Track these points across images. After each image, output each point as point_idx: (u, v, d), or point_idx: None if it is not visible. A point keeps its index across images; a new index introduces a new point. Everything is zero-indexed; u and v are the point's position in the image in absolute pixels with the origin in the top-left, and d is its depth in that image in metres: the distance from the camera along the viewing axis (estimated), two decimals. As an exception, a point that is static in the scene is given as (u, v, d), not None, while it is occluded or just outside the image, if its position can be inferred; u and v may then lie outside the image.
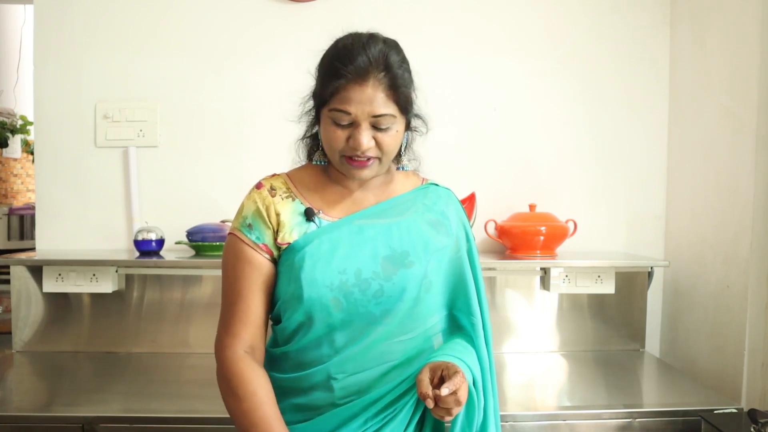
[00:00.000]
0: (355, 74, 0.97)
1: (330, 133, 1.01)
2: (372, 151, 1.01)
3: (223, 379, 1.01)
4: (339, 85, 0.98)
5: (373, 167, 1.03)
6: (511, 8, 2.14)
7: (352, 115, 0.98)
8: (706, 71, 1.95)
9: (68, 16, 2.10)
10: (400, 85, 1.00)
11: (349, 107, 0.98)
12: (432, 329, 1.08)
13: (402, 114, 1.03)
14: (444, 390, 0.89)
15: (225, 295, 1.06)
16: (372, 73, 0.98)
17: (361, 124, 0.99)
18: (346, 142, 1.00)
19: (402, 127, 1.04)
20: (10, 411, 1.47)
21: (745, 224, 1.73)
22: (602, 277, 1.96)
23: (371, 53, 0.99)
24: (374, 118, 0.99)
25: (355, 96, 0.97)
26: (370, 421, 1.01)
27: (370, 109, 0.98)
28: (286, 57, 2.07)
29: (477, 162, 2.15)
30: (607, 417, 1.50)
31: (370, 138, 0.99)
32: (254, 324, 1.04)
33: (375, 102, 0.98)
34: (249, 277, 1.04)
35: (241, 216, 1.07)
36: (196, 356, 1.90)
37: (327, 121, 1.02)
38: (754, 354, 1.69)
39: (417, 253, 1.05)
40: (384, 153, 1.02)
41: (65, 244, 2.11)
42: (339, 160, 1.03)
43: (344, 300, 1.00)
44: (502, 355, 2.00)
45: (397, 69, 1.00)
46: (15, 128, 3.94)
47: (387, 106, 0.99)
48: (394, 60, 1.01)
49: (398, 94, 1.00)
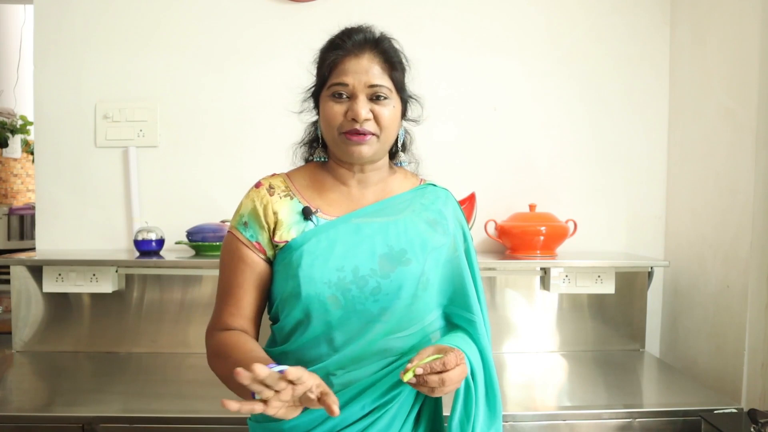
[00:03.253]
0: (352, 47, 1.03)
1: (329, 110, 1.04)
2: (370, 125, 1.03)
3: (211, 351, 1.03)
4: (336, 57, 1.03)
5: (372, 144, 1.04)
6: (511, 8, 2.14)
7: (350, 86, 1.02)
8: (706, 71, 1.95)
9: (68, 16, 2.10)
10: (395, 62, 1.06)
11: (346, 78, 1.02)
12: (430, 326, 1.08)
13: (397, 92, 1.07)
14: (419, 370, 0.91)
15: (219, 288, 1.09)
16: (368, 47, 1.04)
17: (358, 96, 1.02)
18: (344, 117, 1.03)
19: (398, 106, 1.07)
20: (10, 411, 1.47)
21: (745, 224, 1.73)
22: (602, 277, 1.96)
23: (368, 32, 1.06)
24: (371, 88, 1.02)
25: (351, 67, 1.02)
26: (368, 406, 1.01)
27: (366, 78, 1.02)
28: (286, 57, 2.07)
29: (477, 162, 2.15)
30: (607, 417, 1.50)
31: (368, 110, 1.02)
32: (244, 317, 1.05)
33: (371, 72, 1.03)
34: (242, 273, 1.06)
35: (239, 214, 1.09)
36: (196, 356, 1.91)
37: (326, 101, 1.05)
38: (754, 354, 1.69)
39: (414, 251, 1.05)
40: (382, 129, 1.04)
41: (65, 244, 2.11)
42: (338, 139, 1.04)
43: (342, 297, 1.00)
44: (502, 355, 2.00)
45: (392, 50, 1.07)
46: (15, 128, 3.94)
47: (383, 78, 1.04)
48: (389, 43, 1.07)
49: (393, 71, 1.05)
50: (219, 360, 1.00)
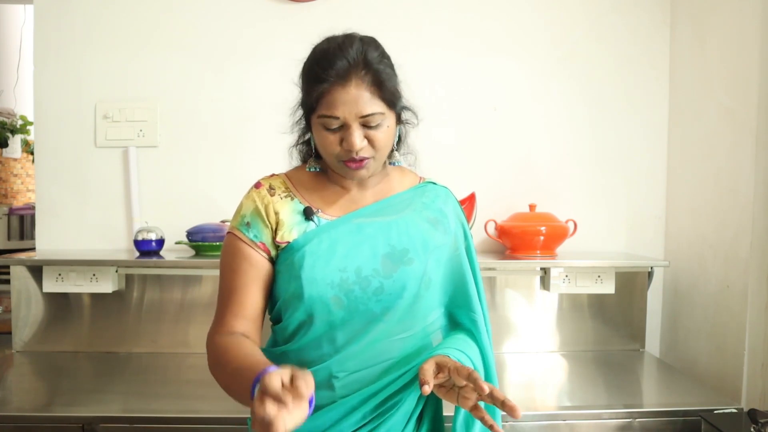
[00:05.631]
0: (337, 77, 0.97)
1: (322, 139, 1.01)
2: (366, 151, 1.01)
3: (212, 357, 1.00)
4: (322, 89, 0.97)
5: (370, 166, 1.03)
6: (511, 8, 2.14)
7: (340, 118, 0.98)
8: (706, 71, 1.95)
9: (68, 16, 2.10)
10: (383, 80, 0.99)
11: (336, 111, 0.97)
12: (431, 326, 1.08)
13: (390, 109, 1.02)
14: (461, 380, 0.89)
15: (221, 291, 1.06)
16: (353, 73, 0.97)
17: (351, 126, 0.98)
18: (340, 146, 1.00)
19: (393, 122, 1.04)
20: (10, 411, 1.47)
21: (745, 224, 1.73)
22: (602, 277, 1.96)
23: (349, 54, 0.98)
24: (363, 118, 0.98)
25: (339, 98, 0.97)
26: (369, 415, 1.01)
27: (357, 109, 0.97)
28: (285, 57, 2.03)
29: (477, 162, 2.15)
30: (607, 417, 1.50)
31: (362, 138, 0.99)
32: (248, 318, 1.03)
33: (361, 102, 0.97)
34: (245, 273, 1.04)
35: (240, 215, 1.07)
36: (196, 356, 1.91)
37: (318, 127, 1.01)
38: (754, 354, 1.69)
39: (416, 250, 1.05)
40: (377, 150, 1.02)
41: (65, 244, 2.11)
42: (336, 165, 1.04)
43: (345, 298, 1.00)
44: (502, 355, 2.00)
45: (378, 65, 0.99)
46: (15, 128, 3.94)
47: (373, 104, 0.98)
48: (373, 56, 1.00)
49: (383, 90, 0.99)
50: (219, 368, 0.98)
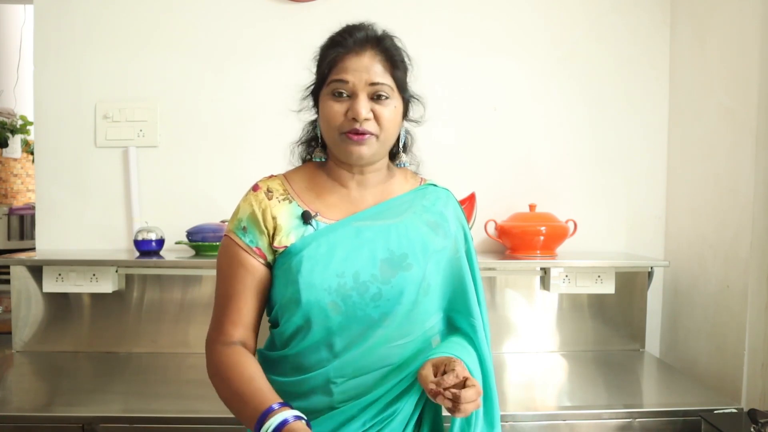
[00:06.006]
0: (353, 44, 1.01)
1: (328, 109, 1.02)
2: (370, 125, 1.01)
3: (213, 368, 1.01)
4: (337, 54, 1.01)
5: (371, 144, 1.03)
6: (511, 8, 2.14)
7: (350, 83, 1.00)
8: (706, 71, 1.95)
9: (68, 16, 2.10)
10: (397, 60, 1.04)
11: (347, 75, 1.00)
12: (430, 331, 1.07)
13: (399, 91, 1.05)
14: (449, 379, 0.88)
15: (217, 296, 1.06)
16: (369, 45, 1.02)
17: (359, 94, 1.00)
18: (344, 116, 1.01)
19: (400, 106, 1.06)
20: (10, 411, 1.47)
21: (745, 224, 1.73)
22: (602, 277, 1.96)
23: (369, 29, 1.04)
24: (372, 86, 1.01)
25: (352, 65, 1.00)
26: (369, 422, 1.00)
27: (367, 76, 1.00)
28: (285, 57, 2.07)
29: (477, 162, 2.15)
30: (607, 417, 1.50)
31: (368, 110, 1.01)
32: (245, 325, 1.03)
33: (372, 70, 1.01)
34: (242, 279, 1.03)
35: (237, 218, 1.07)
36: (196, 356, 1.90)
37: (326, 99, 1.03)
38: (754, 354, 1.69)
39: (416, 255, 1.04)
40: (382, 129, 1.02)
41: (65, 244, 2.11)
42: (338, 139, 1.03)
43: (342, 304, 0.99)
44: (502, 355, 2.00)
45: (394, 48, 1.05)
46: (15, 128, 3.95)
47: (384, 77, 1.02)
48: (391, 40, 1.05)
49: (395, 69, 1.04)
50: (219, 380, 0.99)
